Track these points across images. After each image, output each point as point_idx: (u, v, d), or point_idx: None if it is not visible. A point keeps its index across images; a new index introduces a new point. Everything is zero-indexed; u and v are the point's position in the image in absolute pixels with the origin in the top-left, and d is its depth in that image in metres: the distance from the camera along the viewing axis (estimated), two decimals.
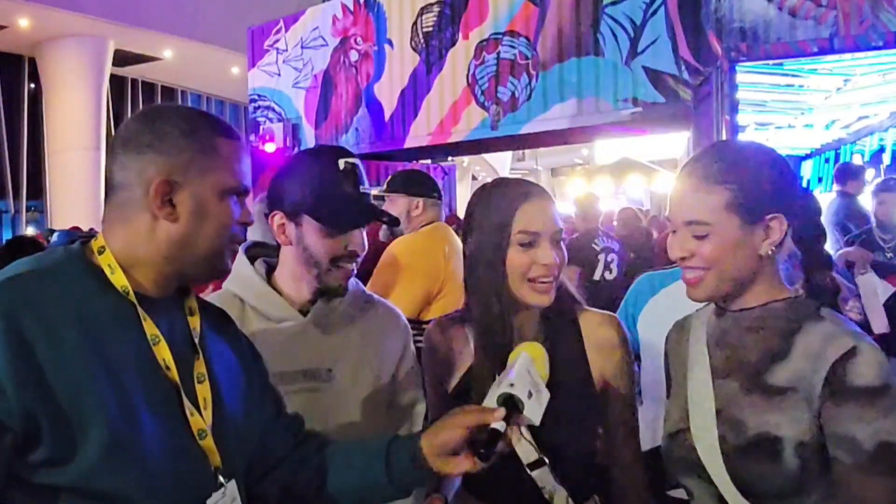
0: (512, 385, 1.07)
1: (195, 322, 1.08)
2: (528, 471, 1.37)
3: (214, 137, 1.03)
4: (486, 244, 1.38)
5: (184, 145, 1.00)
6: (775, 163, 1.22)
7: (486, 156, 17.57)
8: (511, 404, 1.06)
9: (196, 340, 1.06)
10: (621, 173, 11.86)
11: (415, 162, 11.89)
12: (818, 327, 1.16)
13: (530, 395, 1.08)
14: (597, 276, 4.75)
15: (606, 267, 4.78)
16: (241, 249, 1.53)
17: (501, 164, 19.83)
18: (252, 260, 1.50)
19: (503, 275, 1.36)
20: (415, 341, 1.64)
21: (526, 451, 1.36)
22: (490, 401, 1.08)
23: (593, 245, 4.83)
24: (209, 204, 1.01)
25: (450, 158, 13.31)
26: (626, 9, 7.79)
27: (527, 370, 1.11)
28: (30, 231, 14.99)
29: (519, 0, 8.65)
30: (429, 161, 12.30)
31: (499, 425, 1.03)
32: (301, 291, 1.44)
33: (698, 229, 1.18)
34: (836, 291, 1.24)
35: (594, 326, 1.45)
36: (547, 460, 1.36)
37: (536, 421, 1.08)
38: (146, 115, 1.04)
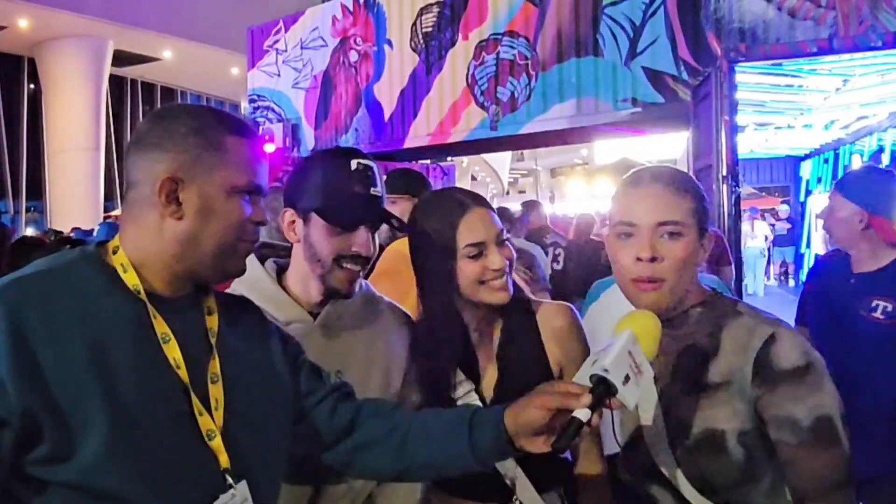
0: (606, 370, 0.98)
1: (213, 322, 1.07)
2: None
3: (223, 134, 1.02)
4: (435, 259, 1.44)
5: (191, 142, 0.99)
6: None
7: (486, 156, 17.60)
8: (603, 388, 0.98)
9: (213, 340, 1.05)
10: (620, 173, 11.86)
11: (414, 162, 11.90)
12: (739, 322, 1.21)
13: (627, 378, 0.98)
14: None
15: (554, 259, 5.39)
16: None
17: (501, 164, 19.84)
18: (262, 260, 1.50)
19: (456, 284, 1.43)
20: None
21: None
22: (583, 377, 1.01)
23: (544, 239, 5.45)
24: (215, 202, 1.00)
25: (449, 159, 13.32)
26: (626, 9, 7.80)
27: (628, 351, 1.01)
28: (29, 231, 14.99)
29: (518, 0, 8.66)
30: (428, 161, 12.30)
31: (581, 414, 0.96)
32: (309, 292, 1.44)
33: (673, 228, 1.20)
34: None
35: (549, 317, 1.49)
36: None
37: (632, 405, 1.00)
38: (158, 113, 1.04)
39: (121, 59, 16.99)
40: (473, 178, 19.16)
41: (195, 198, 0.99)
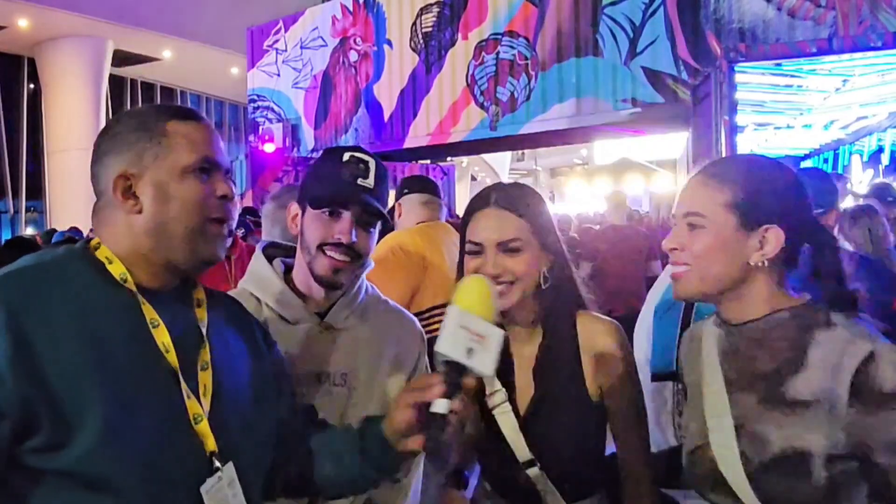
0: (443, 354, 0.98)
1: (202, 313, 1.10)
2: (523, 469, 1.41)
3: (164, 122, 1.05)
4: (460, 247, 1.47)
5: (134, 138, 1.03)
6: (785, 177, 1.21)
7: (486, 156, 17.58)
8: (451, 370, 0.99)
9: (203, 330, 1.08)
10: (620, 173, 11.87)
11: (414, 162, 11.90)
12: (831, 335, 1.12)
13: (471, 351, 0.98)
14: None
15: None
16: (258, 248, 1.54)
17: (501, 164, 19.83)
18: (270, 260, 1.50)
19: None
20: None
21: (518, 450, 1.41)
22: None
23: None
24: (169, 185, 1.03)
25: (449, 159, 13.32)
26: (626, 9, 7.81)
27: (460, 326, 0.99)
28: (29, 231, 14.98)
29: (518, 0, 8.66)
30: (428, 161, 12.30)
31: (439, 406, 0.98)
32: (313, 291, 1.44)
33: (694, 220, 1.19)
34: (855, 301, 1.20)
35: (591, 334, 1.44)
36: (538, 461, 1.40)
37: (489, 370, 1.00)
38: (106, 126, 1.09)
39: (121, 59, 16.97)
40: (473, 178, 19.15)
41: (149, 188, 1.02)
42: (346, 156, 1.41)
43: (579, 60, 8.17)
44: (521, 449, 1.40)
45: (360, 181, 1.39)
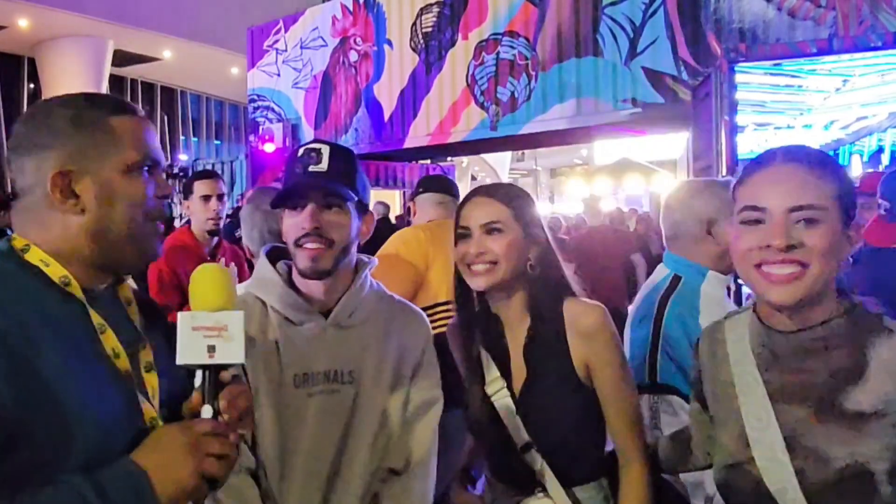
0: (184, 363, 0.96)
1: (133, 311, 1.05)
2: (521, 453, 1.46)
3: (105, 117, 0.98)
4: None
5: (73, 132, 0.96)
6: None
7: (486, 156, 17.58)
8: (202, 373, 0.96)
9: (140, 330, 1.03)
10: (620, 173, 11.88)
11: (414, 162, 11.90)
12: (890, 341, 1.05)
13: (212, 348, 0.95)
14: None
15: None
16: (262, 252, 1.53)
17: (501, 164, 19.84)
18: (274, 262, 1.50)
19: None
20: None
21: (515, 434, 1.46)
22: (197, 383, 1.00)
23: None
24: (114, 184, 0.97)
25: (449, 159, 13.32)
26: (626, 9, 7.81)
27: (191, 328, 0.96)
28: None
29: (518, 1, 8.66)
30: (428, 161, 12.30)
31: (205, 412, 0.94)
32: (311, 287, 1.45)
33: (810, 214, 1.04)
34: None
35: (576, 314, 1.48)
36: (533, 444, 1.45)
37: (239, 357, 0.97)
38: (32, 114, 1.00)
39: (121, 59, 16.97)
40: (473, 178, 19.14)
41: (92, 186, 0.96)
42: (301, 150, 1.43)
43: (579, 60, 8.17)
44: (517, 433, 1.46)
45: (311, 168, 1.39)
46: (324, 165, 1.39)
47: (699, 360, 1.31)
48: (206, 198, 2.97)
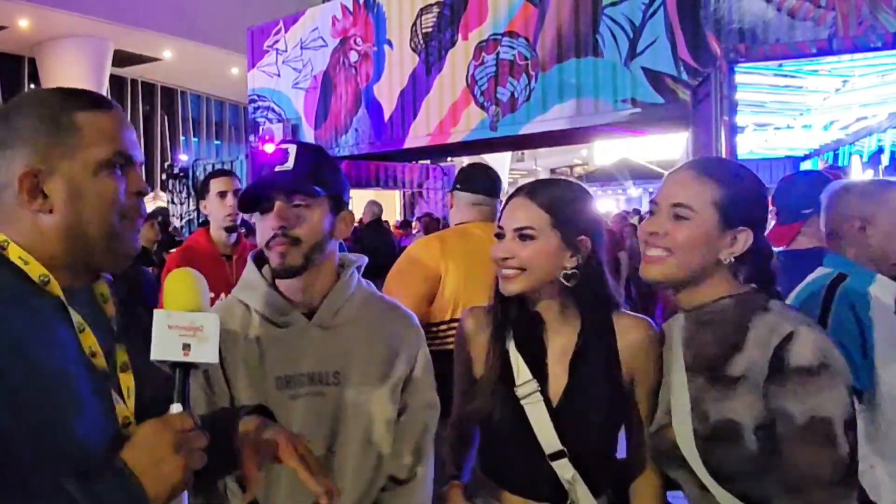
0: (159, 360, 0.96)
1: (110, 309, 1.04)
2: (549, 461, 1.40)
3: (74, 113, 0.96)
4: None
5: (42, 130, 0.94)
6: (761, 188, 1.35)
7: (486, 156, 17.57)
8: (175, 372, 0.96)
9: (115, 328, 1.02)
10: (620, 174, 11.89)
11: (414, 162, 11.91)
12: (765, 318, 1.25)
13: (187, 347, 0.96)
14: None
15: None
16: (249, 257, 1.51)
17: (500, 164, 19.84)
18: (260, 265, 1.48)
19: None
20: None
21: (548, 441, 1.40)
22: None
23: None
24: (83, 183, 0.95)
25: (449, 159, 13.32)
26: (626, 10, 7.81)
27: (167, 326, 0.96)
28: None
29: (518, 1, 8.66)
30: (428, 161, 12.32)
31: (174, 408, 0.94)
32: (292, 288, 1.44)
33: (681, 212, 1.28)
34: (780, 297, 1.35)
35: (625, 328, 1.45)
36: (567, 452, 1.39)
37: (212, 358, 0.97)
38: (5, 110, 0.98)
39: (121, 59, 17.00)
40: None
41: (61, 185, 0.94)
42: (270, 148, 1.43)
43: (579, 61, 8.18)
44: (550, 440, 1.40)
45: (277, 168, 1.39)
46: (289, 164, 1.38)
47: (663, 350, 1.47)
48: (223, 194, 2.97)
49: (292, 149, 1.41)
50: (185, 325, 0.97)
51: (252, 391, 1.37)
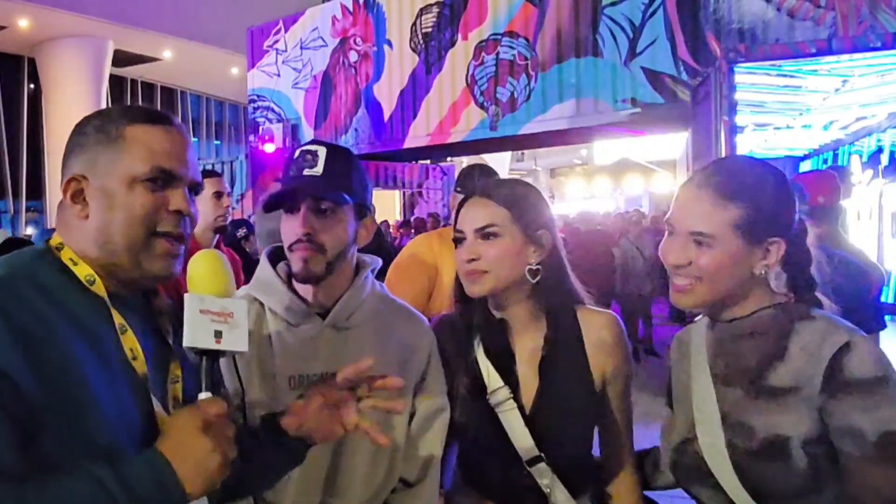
0: (191, 346, 0.94)
1: (165, 322, 1.06)
2: (527, 467, 1.40)
3: (123, 125, 0.99)
4: None
5: (92, 140, 0.99)
6: (784, 186, 1.24)
7: (485, 156, 17.56)
8: (206, 359, 0.95)
9: (170, 340, 1.04)
10: (620, 174, 11.91)
11: (414, 162, 11.92)
12: (811, 326, 1.17)
13: (219, 334, 0.95)
14: None
15: None
16: (263, 254, 1.51)
17: (500, 164, 19.83)
18: (276, 262, 1.48)
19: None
20: None
21: (524, 447, 1.39)
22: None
23: None
24: (115, 194, 0.98)
25: (449, 159, 13.33)
26: (625, 10, 7.82)
27: (199, 311, 0.95)
28: (29, 231, 15.00)
29: (518, 1, 8.67)
30: (428, 161, 12.32)
31: (202, 397, 0.94)
32: (308, 290, 1.42)
33: (702, 239, 1.20)
34: (821, 305, 1.25)
35: (594, 326, 1.45)
36: (544, 456, 1.39)
37: (244, 346, 0.97)
38: (80, 121, 1.04)
39: (121, 59, 16.99)
40: None
41: (98, 193, 0.98)
42: (297, 152, 1.40)
43: (579, 61, 8.18)
44: (526, 445, 1.39)
45: (306, 171, 1.36)
46: (319, 169, 1.36)
47: (672, 361, 1.41)
48: (219, 195, 2.98)
49: (321, 151, 1.38)
50: (217, 311, 0.96)
51: (264, 390, 1.37)
